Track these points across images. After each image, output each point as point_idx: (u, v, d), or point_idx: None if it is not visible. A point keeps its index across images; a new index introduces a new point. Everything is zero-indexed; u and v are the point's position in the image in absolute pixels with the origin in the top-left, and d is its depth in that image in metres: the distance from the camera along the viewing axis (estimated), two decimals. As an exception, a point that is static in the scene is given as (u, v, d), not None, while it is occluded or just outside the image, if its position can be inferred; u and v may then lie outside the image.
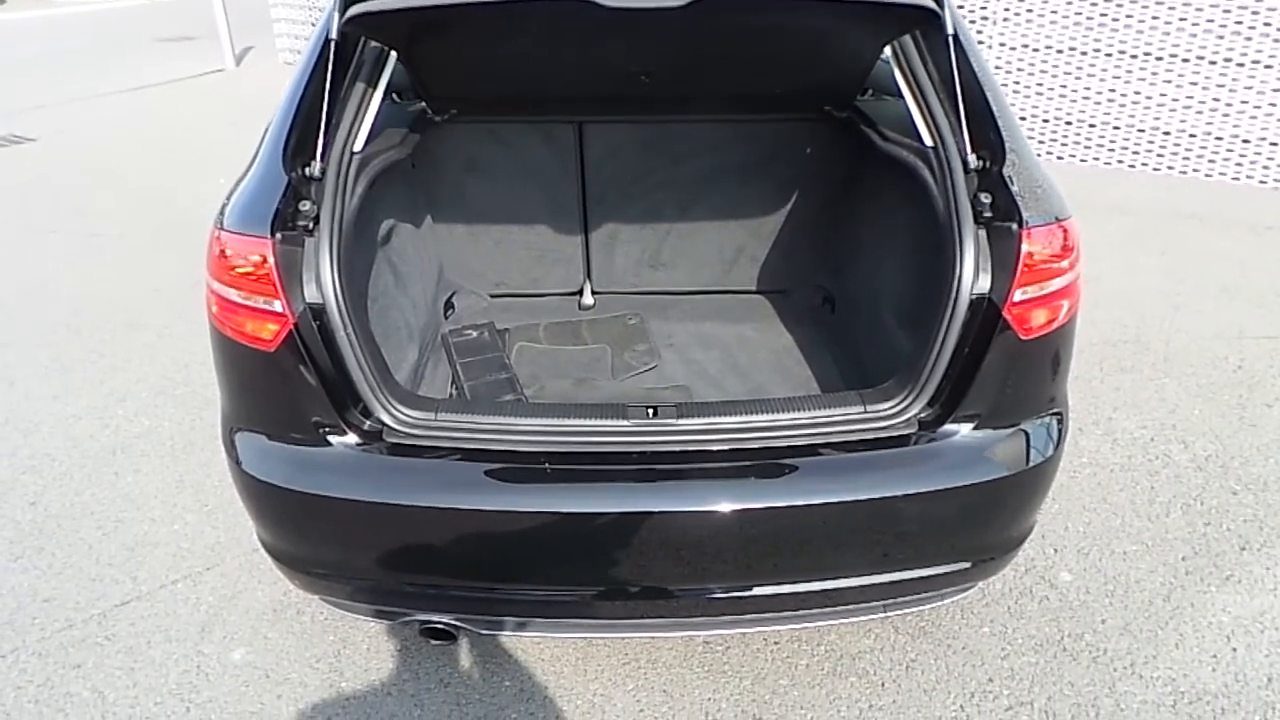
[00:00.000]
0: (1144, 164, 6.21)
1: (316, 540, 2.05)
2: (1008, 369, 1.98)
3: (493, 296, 3.31)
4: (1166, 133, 6.07)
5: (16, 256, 5.08)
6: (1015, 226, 1.91)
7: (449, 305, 3.20)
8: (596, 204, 3.13)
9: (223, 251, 1.92)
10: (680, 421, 2.00)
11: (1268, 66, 5.64)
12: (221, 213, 1.99)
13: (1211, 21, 5.69)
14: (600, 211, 3.15)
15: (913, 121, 2.21)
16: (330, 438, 1.98)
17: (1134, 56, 6.00)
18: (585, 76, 2.51)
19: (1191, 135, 6.00)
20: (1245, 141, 5.87)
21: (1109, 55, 6.08)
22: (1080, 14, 6.05)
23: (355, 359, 1.96)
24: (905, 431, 2.00)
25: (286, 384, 1.97)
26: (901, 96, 2.26)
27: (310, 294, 1.92)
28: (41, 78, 9.29)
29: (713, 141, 3.00)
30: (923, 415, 2.01)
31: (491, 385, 2.69)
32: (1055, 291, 1.95)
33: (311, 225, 1.96)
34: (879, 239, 2.72)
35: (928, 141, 2.17)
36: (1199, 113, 5.93)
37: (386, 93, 2.28)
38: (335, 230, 1.98)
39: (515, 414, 2.05)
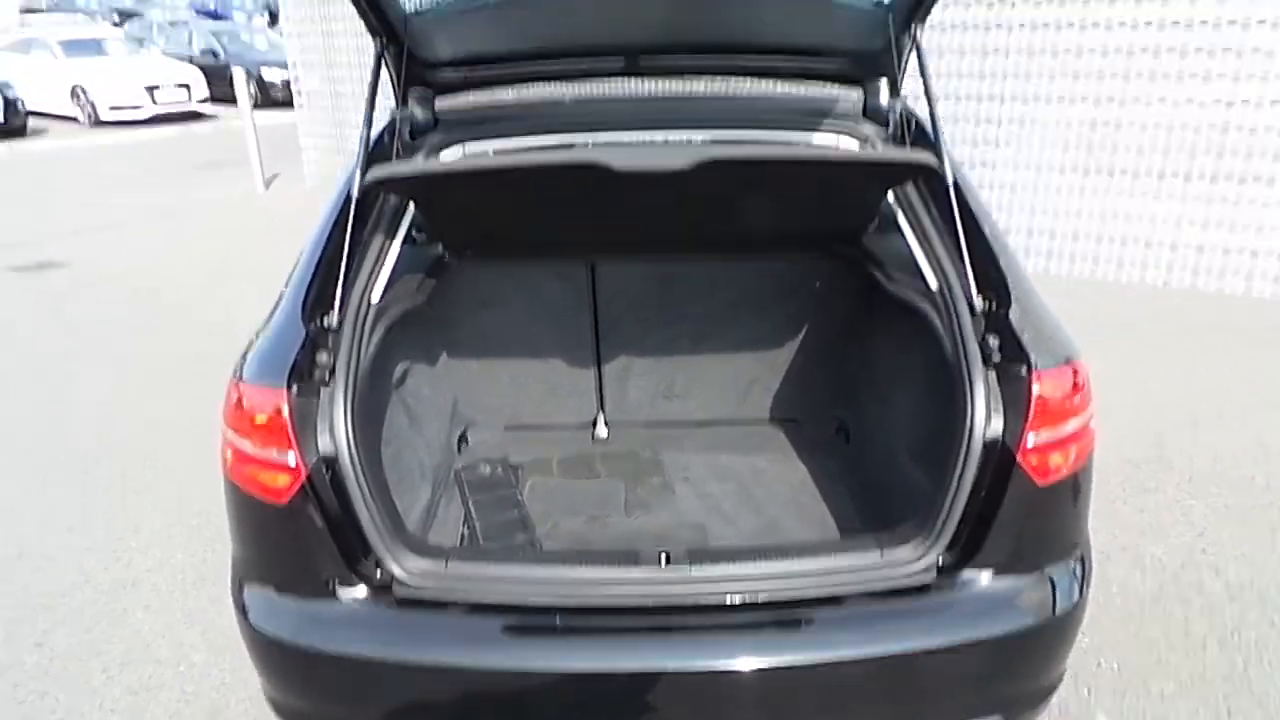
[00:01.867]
0: (1148, 278, 6.26)
1: (324, 697, 2.01)
2: (1026, 514, 1.95)
3: (507, 429, 3.32)
4: (1174, 248, 6.14)
5: (42, 380, 5.18)
6: (1025, 370, 1.91)
7: (463, 439, 3.21)
8: (610, 337, 3.17)
9: (240, 402, 1.95)
10: (693, 570, 1.96)
11: (1269, 183, 5.74)
12: (241, 363, 2.03)
13: (1210, 139, 5.82)
14: (613, 345, 3.19)
15: (916, 263, 2.25)
16: (340, 591, 1.97)
17: (1136, 175, 6.12)
18: (598, 224, 2.59)
19: (1200, 249, 6.07)
20: (1254, 254, 5.92)
21: (1110, 175, 6.21)
22: (1080, 136, 6.22)
23: (366, 510, 1.96)
24: (925, 580, 1.96)
25: (297, 537, 1.96)
26: (905, 237, 2.31)
27: (324, 445, 1.94)
28: (78, 203, 9.66)
29: (723, 277, 3.06)
30: (941, 561, 1.98)
31: (504, 525, 2.67)
32: (1070, 435, 1.94)
33: (327, 376, 1.99)
34: (890, 374, 2.73)
35: (933, 283, 2.20)
36: (1203, 228, 6.01)
37: (405, 238, 2.35)
38: (351, 380, 2.01)
39: (525, 562, 2.04)
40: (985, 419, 1.93)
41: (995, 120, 6.48)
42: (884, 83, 2.56)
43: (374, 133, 2.37)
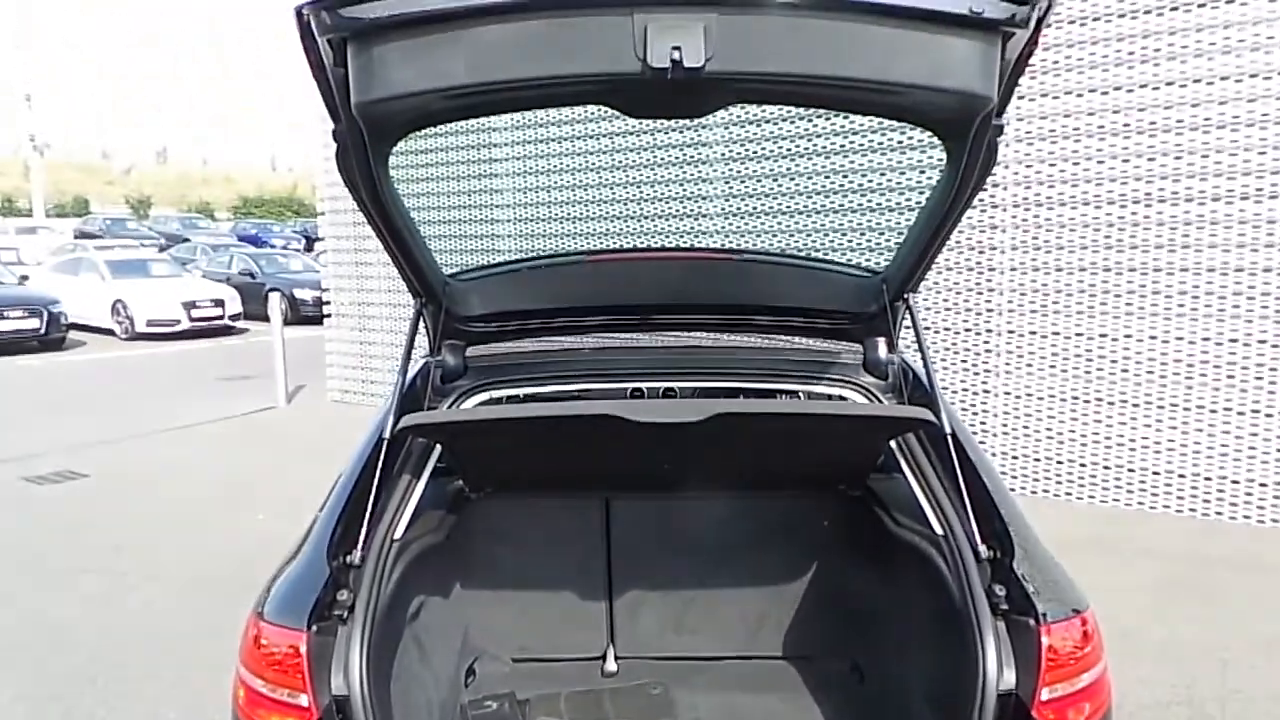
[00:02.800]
0: (1165, 506, 6.27)
1: None
2: None
3: (515, 661, 3.27)
4: (1182, 475, 6.20)
5: (45, 595, 5.13)
6: (1033, 622, 1.93)
7: (470, 672, 3.16)
8: (622, 570, 3.20)
9: (258, 639, 1.97)
10: None
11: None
12: (263, 597, 2.07)
13: (1204, 364, 6.04)
14: (625, 578, 3.21)
15: (920, 507, 2.33)
16: None
17: (1136, 404, 6.30)
18: (614, 467, 2.70)
19: (1207, 479, 6.12)
20: (1263, 485, 5.96)
21: (1112, 404, 6.39)
22: (1078, 368, 6.46)
23: None
24: None
25: None
26: (909, 482, 2.40)
27: (337, 686, 1.94)
28: (104, 415, 9.95)
29: (733, 515, 3.13)
30: None
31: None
32: (1084, 688, 1.92)
33: (346, 614, 2.03)
34: (901, 615, 2.73)
35: (937, 529, 2.26)
36: (1220, 458, 6.09)
37: (430, 477, 2.45)
38: (369, 619, 2.04)
39: None
40: (998, 671, 1.93)
41: (995, 350, 6.76)
42: (882, 340, 2.76)
43: (408, 378, 2.55)
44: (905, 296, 2.58)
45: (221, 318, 17.08)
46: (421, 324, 2.69)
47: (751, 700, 3.01)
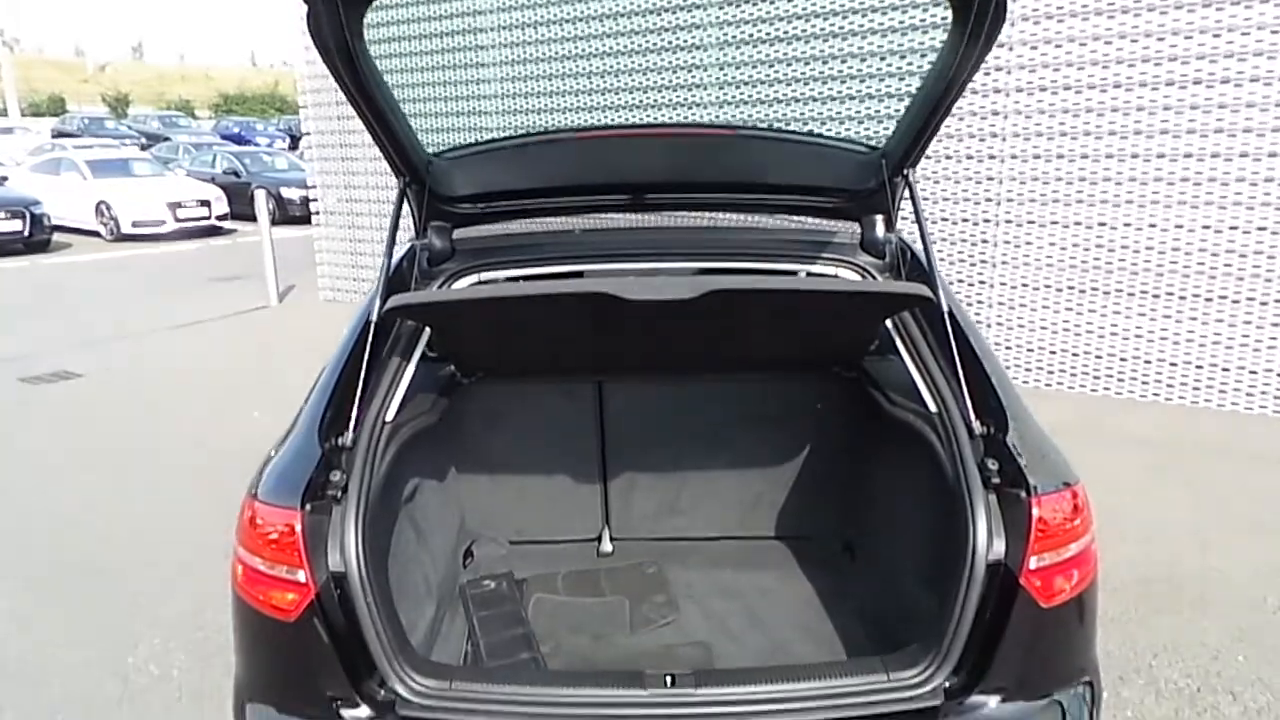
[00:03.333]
0: (1156, 395, 6.32)
1: None
2: (1032, 637, 1.95)
3: (512, 543, 3.33)
4: (1174, 364, 6.23)
5: (50, 492, 5.20)
6: (1024, 494, 1.95)
7: (468, 554, 3.22)
8: (615, 453, 3.22)
9: (253, 520, 1.98)
10: (699, 691, 1.96)
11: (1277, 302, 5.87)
12: (256, 479, 2.07)
13: (1203, 252, 5.99)
14: (619, 460, 3.24)
15: (915, 387, 2.32)
16: (343, 711, 1.96)
17: (1132, 294, 6.28)
18: (607, 348, 2.67)
19: (1199, 367, 6.15)
20: (1253, 373, 6.00)
21: (1108, 294, 6.37)
22: (1076, 258, 6.41)
23: (373, 627, 1.98)
24: (931, 703, 1.94)
25: (303, 655, 1.97)
26: (904, 361, 2.39)
27: (334, 563, 1.97)
28: (97, 315, 9.88)
29: (727, 397, 3.14)
30: (948, 684, 1.97)
31: (508, 642, 2.65)
32: (1071, 558, 1.96)
33: (340, 494, 2.04)
34: (893, 494, 2.77)
35: (931, 407, 2.26)
36: (1213, 346, 6.11)
37: (420, 359, 2.43)
38: (362, 498, 2.06)
39: (529, 683, 2.04)
40: (987, 541, 1.96)
41: (992, 240, 6.69)
42: (880, 218, 2.70)
43: (394, 261, 2.49)
44: (905, 172, 2.51)
45: (208, 218, 16.79)
46: (406, 206, 2.63)
47: (744, 577, 3.08)
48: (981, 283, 6.79)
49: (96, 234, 16.17)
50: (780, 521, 3.33)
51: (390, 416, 2.28)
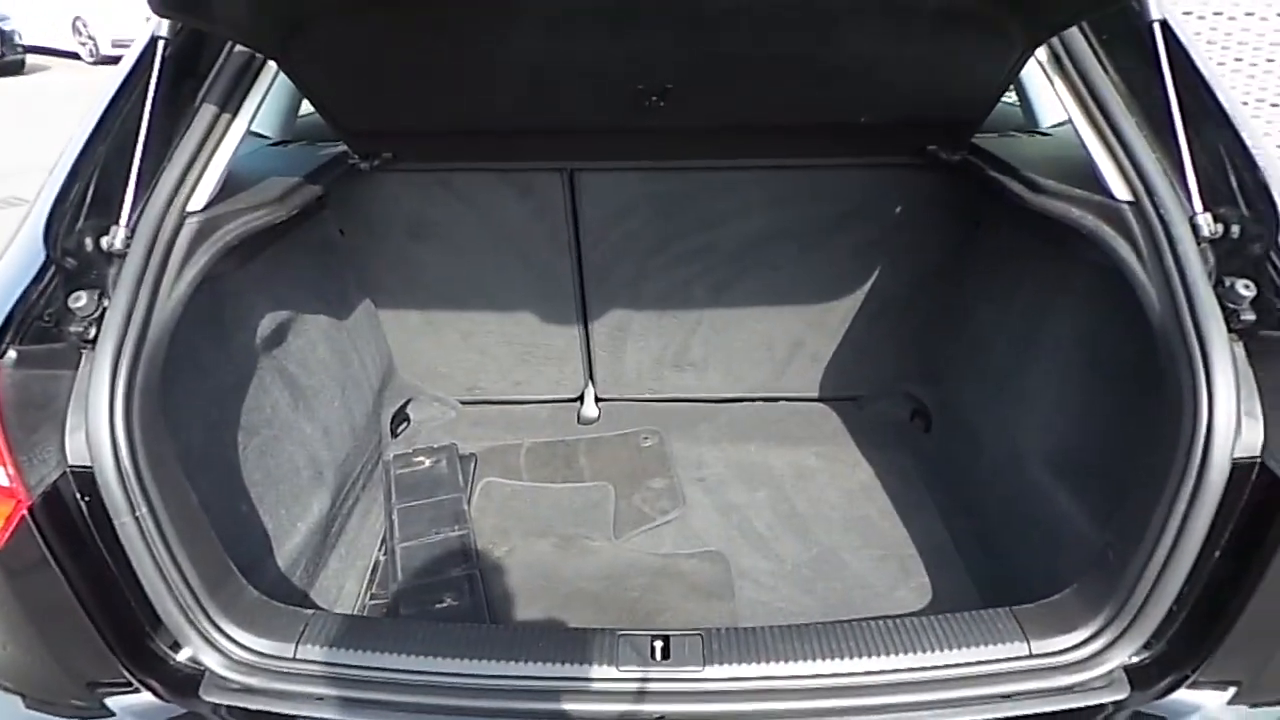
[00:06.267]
0: None
1: None
2: None
3: (463, 403, 2.49)
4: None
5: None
6: None
7: (402, 417, 2.39)
8: (599, 282, 2.27)
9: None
10: (706, 670, 1.19)
11: None
12: None
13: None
14: (604, 293, 2.29)
15: (1092, 161, 1.36)
16: (109, 701, 1.20)
17: None
18: (572, 99, 1.70)
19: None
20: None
21: None
22: None
23: (150, 556, 1.19)
24: (1110, 697, 1.14)
25: (24, 610, 1.18)
26: (1070, 124, 1.41)
27: (73, 451, 1.15)
28: (56, 138, 8.94)
29: (760, 195, 2.11)
30: (1135, 662, 1.15)
31: (434, 554, 1.85)
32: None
33: (89, 332, 1.20)
34: (1014, 341, 1.84)
35: (1120, 194, 1.32)
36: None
37: (251, 121, 1.49)
38: (139, 339, 1.22)
39: (429, 649, 1.25)
40: (1233, 425, 1.09)
41: None
42: None
43: None
44: None
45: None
46: None
47: (776, 455, 2.24)
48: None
49: (76, 56, 14.94)
50: (826, 379, 2.42)
51: (199, 203, 1.38)
